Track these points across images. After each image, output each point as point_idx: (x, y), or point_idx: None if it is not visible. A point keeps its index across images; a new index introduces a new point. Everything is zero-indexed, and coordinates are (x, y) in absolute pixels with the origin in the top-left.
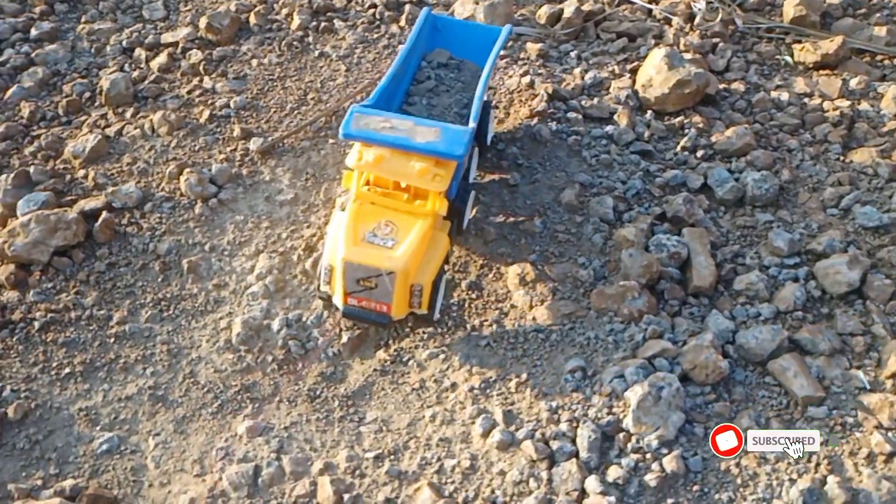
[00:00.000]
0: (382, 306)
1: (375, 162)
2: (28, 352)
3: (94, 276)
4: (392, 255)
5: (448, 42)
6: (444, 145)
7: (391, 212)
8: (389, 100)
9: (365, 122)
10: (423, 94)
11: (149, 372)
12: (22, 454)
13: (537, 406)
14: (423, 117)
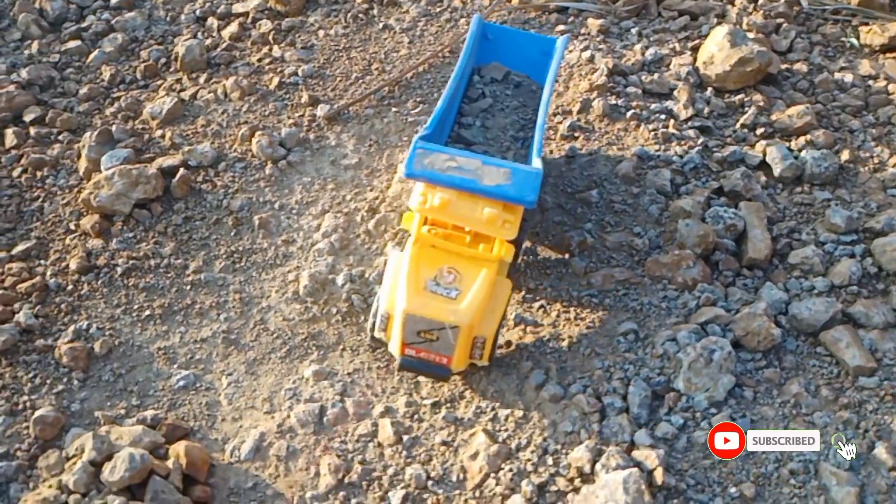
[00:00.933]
0: (443, 358)
1: (442, 206)
2: (111, 294)
3: (172, 228)
4: (457, 308)
5: (499, 53)
6: (515, 189)
7: (454, 256)
8: (444, 122)
9: (429, 160)
10: (477, 115)
11: (222, 318)
12: (107, 386)
13: (589, 364)
14: (477, 142)
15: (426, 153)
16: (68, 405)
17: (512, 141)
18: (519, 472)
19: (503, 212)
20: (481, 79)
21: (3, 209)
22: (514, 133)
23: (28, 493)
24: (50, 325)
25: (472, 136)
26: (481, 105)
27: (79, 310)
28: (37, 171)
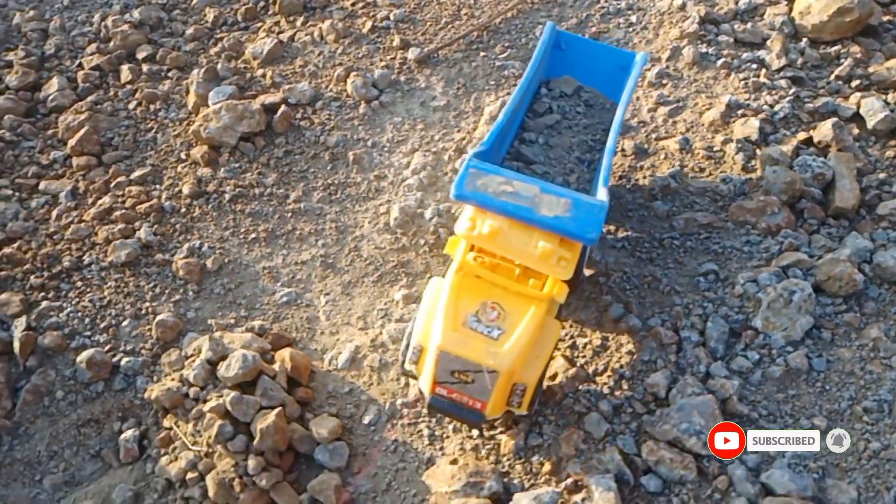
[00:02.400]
0: (476, 402)
1: (491, 235)
2: (220, 218)
3: (274, 160)
4: (497, 350)
5: (571, 64)
6: (576, 224)
7: (499, 290)
8: (504, 137)
9: (483, 181)
10: (541, 131)
11: (320, 243)
12: (218, 298)
13: (669, 301)
14: (538, 161)
15: (480, 173)
16: (185, 313)
17: (577, 163)
18: (595, 394)
19: (559, 247)
20: (549, 92)
21: (122, 138)
22: (579, 154)
23: (153, 385)
24: (167, 242)
25: (533, 155)
26: (547, 121)
27: (192, 230)
28: (150, 104)
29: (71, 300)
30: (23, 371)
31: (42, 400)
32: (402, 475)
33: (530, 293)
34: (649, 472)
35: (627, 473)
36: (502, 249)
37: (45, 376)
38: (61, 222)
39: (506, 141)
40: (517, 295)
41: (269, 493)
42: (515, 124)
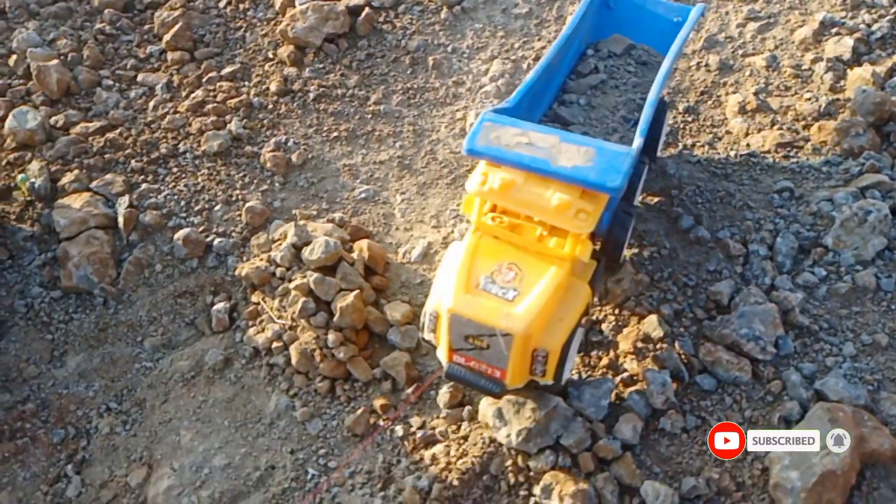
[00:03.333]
0: (495, 371)
1: (502, 189)
2: (305, 116)
3: (356, 62)
4: (511, 311)
5: (622, 24)
6: (596, 172)
7: (518, 251)
8: (537, 98)
9: (496, 134)
10: (583, 92)
11: (398, 145)
12: (302, 191)
13: (740, 216)
14: (576, 122)
15: (495, 126)
16: (271, 202)
17: (622, 122)
18: (658, 298)
19: (580, 199)
20: (596, 52)
21: (213, 35)
22: (625, 114)
23: (243, 263)
24: (255, 135)
25: (572, 116)
26: (590, 81)
27: (278, 126)
28: (239, 3)
29: (168, 184)
30: (126, 244)
31: (143, 271)
32: None
33: (551, 253)
34: (704, 372)
35: (683, 371)
36: (515, 203)
37: (146, 250)
38: (158, 112)
39: (542, 103)
40: (537, 255)
41: (345, 364)
42: (554, 86)
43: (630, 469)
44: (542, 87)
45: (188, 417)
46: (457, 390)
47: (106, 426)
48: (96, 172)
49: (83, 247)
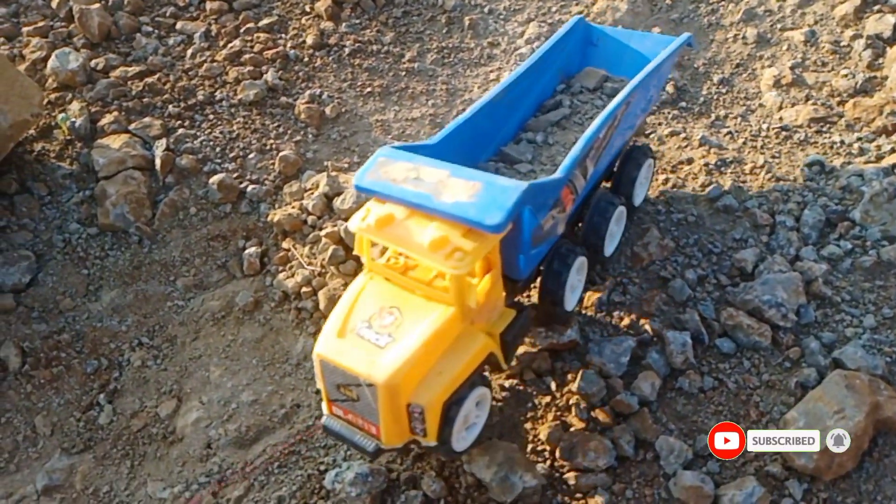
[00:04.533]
0: (370, 426)
1: (379, 225)
2: (340, 70)
3: (392, 19)
4: (377, 359)
5: (607, 60)
6: (476, 209)
7: (406, 294)
8: (483, 135)
9: (387, 169)
10: (542, 128)
11: (430, 103)
12: (335, 143)
13: (769, 186)
14: (524, 160)
15: (388, 161)
16: (304, 152)
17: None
18: (682, 263)
19: (461, 238)
20: (568, 88)
21: None
22: None
23: (276, 210)
24: (290, 87)
25: (519, 154)
26: (552, 117)
27: (313, 78)
28: None
29: (204, 130)
30: (162, 186)
31: (177, 213)
32: None
33: (436, 295)
34: (724, 336)
35: (704, 334)
36: (390, 240)
37: (181, 193)
38: (196, 60)
39: (491, 141)
40: (426, 299)
41: None
42: (511, 122)
43: (646, 424)
44: (490, 124)
45: (217, 355)
46: None
47: (137, 359)
48: (134, 115)
49: (121, 186)
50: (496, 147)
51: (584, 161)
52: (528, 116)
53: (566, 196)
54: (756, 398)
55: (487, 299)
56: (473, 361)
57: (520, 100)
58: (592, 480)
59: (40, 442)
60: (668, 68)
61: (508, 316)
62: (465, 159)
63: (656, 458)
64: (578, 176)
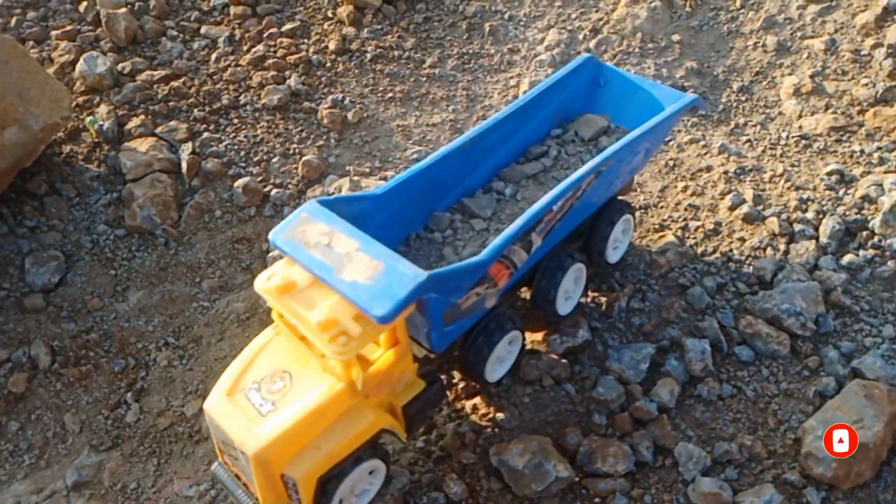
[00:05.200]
0: (251, 486)
1: (279, 290)
2: (362, 75)
3: (413, 25)
4: (253, 427)
5: (611, 105)
6: (369, 294)
7: (304, 359)
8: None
9: (304, 229)
10: (516, 180)
11: (450, 108)
12: (356, 148)
13: (788, 196)
14: (483, 215)
15: (309, 219)
16: (326, 157)
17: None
18: (701, 271)
19: (351, 320)
20: (561, 133)
21: None
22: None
23: None
24: (313, 92)
25: (479, 208)
26: (528, 170)
27: (335, 83)
28: None
29: (229, 134)
30: (187, 189)
31: (203, 216)
32: None
33: (332, 369)
34: (743, 344)
35: (723, 341)
36: (286, 309)
37: (206, 196)
38: (220, 64)
39: (454, 188)
40: (320, 368)
41: None
42: (486, 167)
43: (665, 430)
44: (455, 171)
45: None
46: None
47: (164, 359)
48: (160, 119)
49: (148, 188)
50: (461, 194)
51: (526, 236)
52: (511, 159)
53: (497, 272)
54: (774, 406)
55: (389, 373)
56: (357, 439)
57: (500, 144)
58: (611, 485)
59: (69, 439)
60: (668, 127)
61: (417, 387)
62: (419, 208)
63: (675, 465)
64: (518, 251)
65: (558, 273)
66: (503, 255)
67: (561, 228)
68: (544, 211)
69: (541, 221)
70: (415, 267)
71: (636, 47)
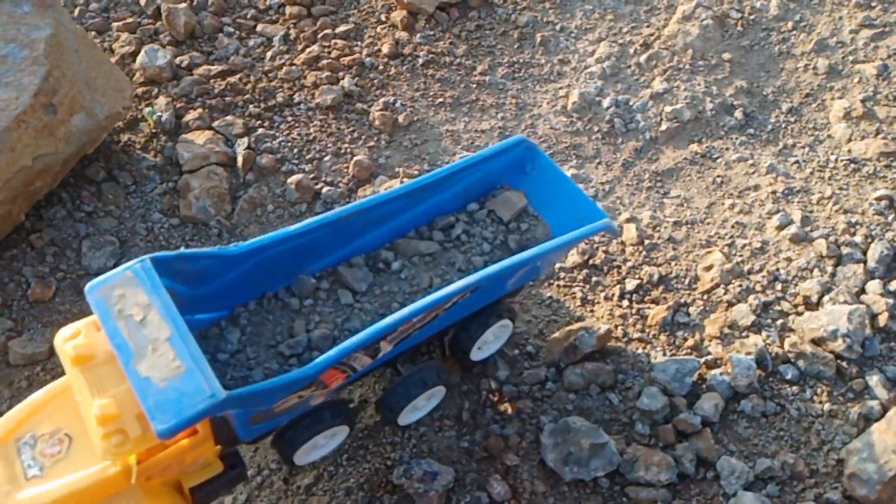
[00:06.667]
0: None
1: (73, 360)
2: (413, 79)
3: (465, 32)
4: (12, 491)
5: (534, 193)
6: (156, 399)
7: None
8: (316, 247)
9: (124, 291)
10: (408, 255)
11: (499, 116)
12: (406, 151)
13: (836, 218)
14: (358, 290)
15: (134, 282)
16: (377, 158)
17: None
18: (747, 289)
19: (134, 419)
20: (479, 209)
21: None
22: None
23: None
24: (365, 94)
25: (354, 279)
26: (422, 248)
27: (387, 86)
28: None
29: (283, 131)
30: (242, 183)
31: (255, 209)
32: (553, 327)
33: None
34: (788, 363)
35: (767, 359)
36: (74, 383)
37: (260, 190)
38: (275, 63)
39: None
40: None
41: None
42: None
43: (708, 444)
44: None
45: None
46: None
47: None
48: (217, 113)
49: (204, 180)
50: (344, 256)
51: (373, 345)
52: (415, 226)
53: (330, 376)
54: (818, 426)
55: (181, 459)
56: None
57: (403, 211)
58: (653, 495)
59: None
60: (571, 247)
61: (214, 469)
62: (284, 269)
63: (716, 478)
64: (360, 357)
65: (413, 392)
66: (325, 371)
67: (422, 333)
68: (397, 325)
69: (393, 332)
70: (215, 382)
71: (686, 64)
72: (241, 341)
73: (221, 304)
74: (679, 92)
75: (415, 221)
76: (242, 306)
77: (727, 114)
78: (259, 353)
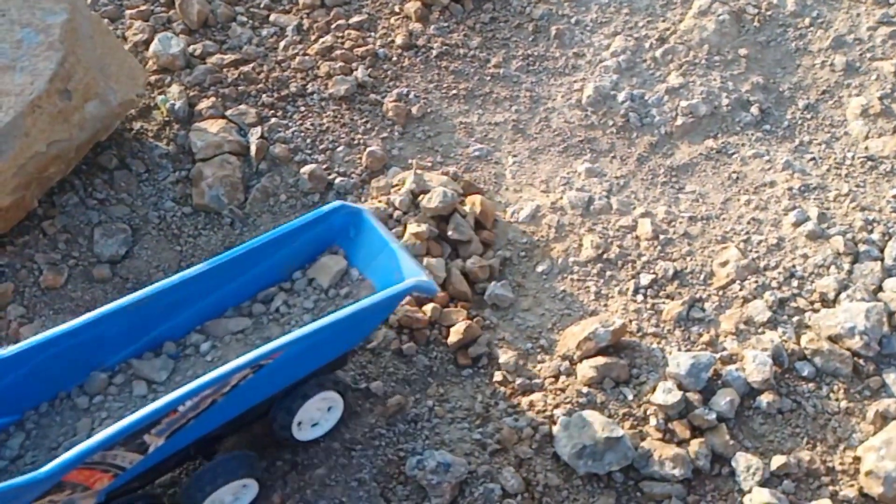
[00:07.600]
0: None
1: None
2: (426, 71)
3: (479, 24)
4: None
5: (359, 257)
6: None
7: None
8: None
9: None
10: (219, 335)
11: (513, 109)
12: (419, 142)
13: (853, 216)
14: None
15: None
16: (390, 149)
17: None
18: (763, 285)
19: None
20: (301, 277)
21: None
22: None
23: (362, 203)
24: (378, 84)
25: (152, 369)
26: (232, 326)
27: (401, 78)
28: None
29: (296, 121)
30: (255, 172)
31: (268, 199)
32: (567, 321)
33: None
34: (804, 360)
35: (783, 356)
36: None
37: (272, 180)
38: (288, 52)
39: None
40: None
41: None
42: (184, 316)
43: (724, 439)
44: (133, 326)
45: None
46: None
47: None
48: (230, 102)
49: (217, 169)
50: (144, 346)
51: (132, 439)
52: (235, 303)
53: (89, 478)
54: (834, 423)
55: None
56: None
57: (213, 290)
58: (668, 490)
59: None
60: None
61: None
62: (74, 366)
63: (731, 474)
64: (121, 454)
65: (205, 489)
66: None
67: (221, 415)
68: (149, 419)
69: (158, 423)
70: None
71: (703, 59)
72: (24, 446)
73: (10, 408)
74: (695, 87)
75: (236, 296)
76: (34, 409)
77: (743, 109)
78: (38, 458)
